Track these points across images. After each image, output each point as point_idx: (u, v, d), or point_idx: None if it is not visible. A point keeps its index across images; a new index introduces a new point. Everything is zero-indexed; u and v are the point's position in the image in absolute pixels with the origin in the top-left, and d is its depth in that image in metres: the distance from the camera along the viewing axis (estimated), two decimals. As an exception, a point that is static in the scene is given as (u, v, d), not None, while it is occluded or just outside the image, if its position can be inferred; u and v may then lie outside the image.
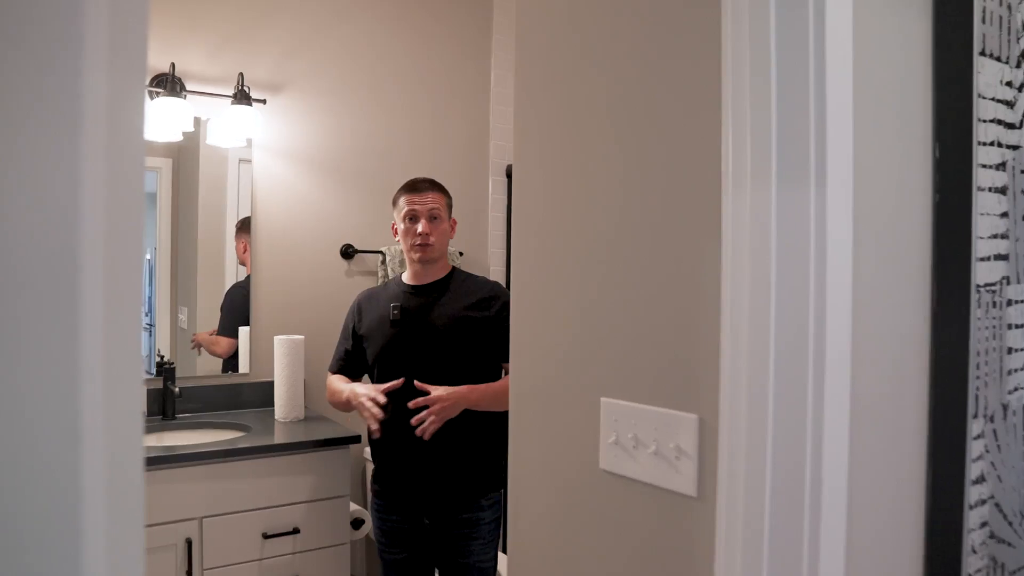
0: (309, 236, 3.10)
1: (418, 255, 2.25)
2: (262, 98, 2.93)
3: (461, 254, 3.38)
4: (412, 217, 2.26)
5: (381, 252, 3.17)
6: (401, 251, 3.21)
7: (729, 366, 0.94)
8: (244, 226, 2.97)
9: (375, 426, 2.16)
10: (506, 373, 2.19)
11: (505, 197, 3.53)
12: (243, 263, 2.98)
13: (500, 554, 2.51)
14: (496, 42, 3.54)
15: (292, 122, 3.05)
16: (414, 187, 2.29)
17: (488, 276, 3.51)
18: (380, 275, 3.16)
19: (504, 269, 3.52)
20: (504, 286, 2.36)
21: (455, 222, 2.37)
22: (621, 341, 1.16)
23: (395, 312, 2.26)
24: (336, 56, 3.14)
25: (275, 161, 3.03)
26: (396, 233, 2.34)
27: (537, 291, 1.34)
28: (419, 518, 2.28)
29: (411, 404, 2.12)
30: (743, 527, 0.91)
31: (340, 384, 2.35)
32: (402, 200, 2.29)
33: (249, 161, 2.98)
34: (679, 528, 1.08)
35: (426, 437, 2.11)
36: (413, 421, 2.13)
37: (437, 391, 2.13)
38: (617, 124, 1.18)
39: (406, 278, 2.35)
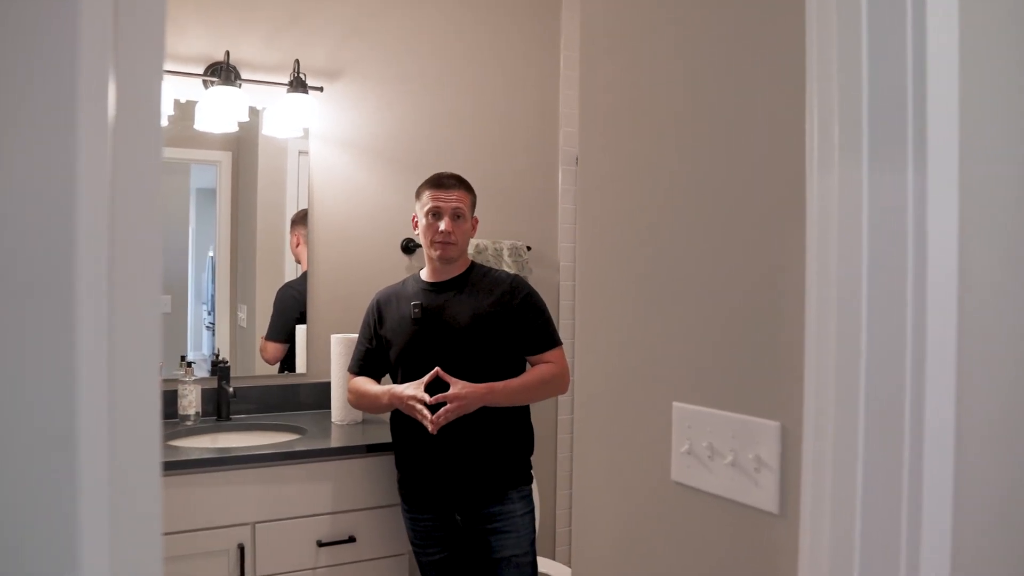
0: (368, 230, 3.12)
1: (438, 253, 2.35)
2: (319, 86, 2.97)
3: (529, 248, 3.36)
4: (435, 213, 2.34)
5: (443, 247, 3.17)
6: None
7: (814, 369, 0.89)
8: (300, 219, 3.01)
9: (433, 428, 2.23)
10: (531, 366, 2.40)
11: (576, 187, 3.50)
12: (297, 259, 3.02)
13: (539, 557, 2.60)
14: (565, 21, 3.51)
15: (350, 110, 3.08)
16: (440, 183, 2.37)
17: (559, 271, 3.48)
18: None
19: (575, 264, 3.49)
20: (522, 278, 2.48)
21: (477, 221, 2.47)
22: (695, 340, 1.13)
23: (416, 311, 2.35)
24: (394, 40, 3.16)
25: (332, 151, 3.06)
26: (416, 226, 2.43)
27: (605, 287, 1.32)
28: (450, 515, 2.37)
29: (430, 400, 2.21)
30: (831, 549, 0.86)
31: (369, 386, 2.44)
32: (426, 195, 2.37)
33: (307, 153, 3.02)
34: (759, 548, 1.04)
35: (432, 430, 2.22)
36: (432, 420, 2.22)
37: (456, 388, 2.23)
38: (691, 103, 1.14)
39: (425, 275, 2.45)
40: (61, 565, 0.40)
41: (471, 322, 2.32)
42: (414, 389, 2.27)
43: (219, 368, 2.81)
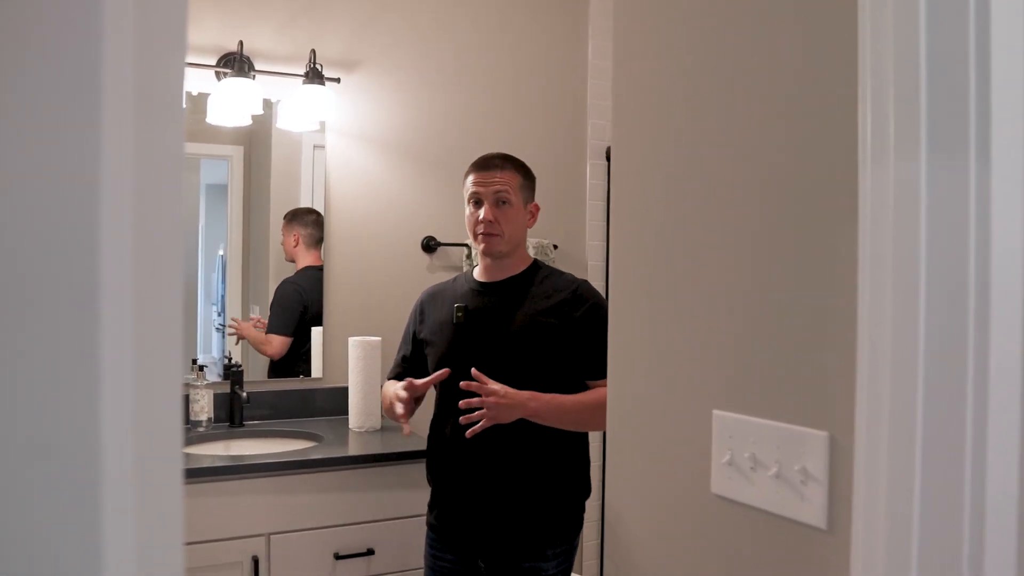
0: (387, 228, 3.13)
1: (482, 246, 2.10)
2: (336, 77, 2.98)
3: (555, 247, 3.35)
4: (477, 200, 2.10)
5: (466, 245, 3.17)
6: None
7: (867, 375, 0.88)
8: (295, 217, 3.01)
9: (407, 430, 2.10)
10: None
11: (605, 183, 3.49)
12: (292, 258, 3.02)
13: None
14: (594, 7, 3.50)
15: (368, 103, 3.09)
16: (483, 164, 2.12)
17: (587, 271, 3.47)
18: (465, 271, 3.18)
19: (604, 264, 3.48)
20: (591, 284, 2.19)
21: (537, 208, 2.19)
22: (737, 344, 1.11)
23: (459, 314, 2.12)
24: (414, 29, 3.17)
25: (350, 145, 3.07)
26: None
27: (640, 286, 1.31)
28: (473, 560, 2.11)
29: (463, 385, 1.94)
30: (885, 570, 0.85)
31: (390, 387, 2.21)
32: (468, 179, 2.13)
33: (323, 147, 3.03)
34: (806, 566, 1.02)
35: (468, 434, 1.95)
36: (463, 420, 1.97)
37: (493, 385, 1.95)
38: (733, 93, 1.13)
39: (477, 274, 2.21)
40: (86, 569, 0.41)
41: (521, 330, 2.04)
42: (404, 385, 2.06)
43: (232, 372, 2.82)
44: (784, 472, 1.05)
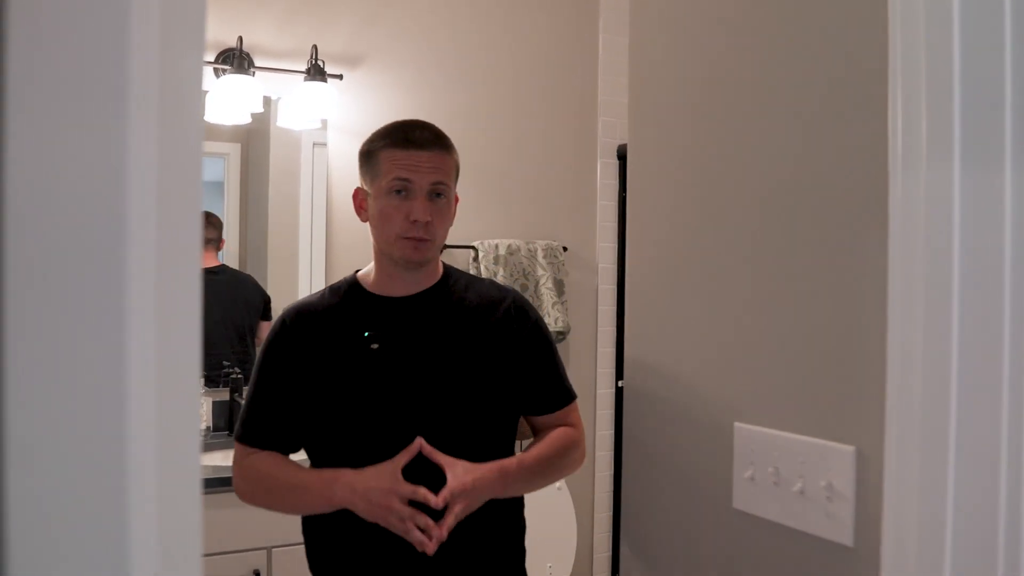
0: (391, 229, 3.13)
1: (409, 254, 1.54)
2: (338, 73, 2.98)
3: (565, 249, 3.35)
4: (402, 189, 1.53)
5: (473, 247, 3.18)
6: (497, 245, 3.20)
7: (897, 388, 0.88)
8: (210, 221, 2.94)
9: (432, 548, 1.41)
10: (538, 429, 1.67)
11: (616, 182, 3.49)
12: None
13: None
14: (605, 4, 3.51)
15: (371, 100, 3.10)
16: (408, 137, 1.56)
17: (596, 274, 3.47)
18: (472, 273, 3.17)
19: (615, 266, 3.48)
20: (521, 294, 1.73)
21: (458, 200, 1.66)
22: (761, 355, 1.12)
23: (374, 342, 1.56)
24: (419, 24, 3.17)
25: (353, 144, 3.07)
26: (363, 207, 1.65)
27: (658, 294, 1.31)
28: None
29: (436, 502, 1.40)
30: (916, 589, 0.85)
31: (286, 469, 1.57)
32: (385, 156, 1.56)
33: (324, 145, 3.04)
34: (832, 584, 1.03)
35: (429, 551, 1.41)
36: (419, 524, 1.41)
37: (456, 473, 1.45)
38: (756, 92, 1.13)
39: (376, 286, 1.64)
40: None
41: (458, 356, 1.57)
42: (394, 479, 1.43)
43: (231, 379, 2.83)
44: (809, 488, 1.05)
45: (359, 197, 1.64)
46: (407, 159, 1.54)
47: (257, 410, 1.60)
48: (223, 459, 2.67)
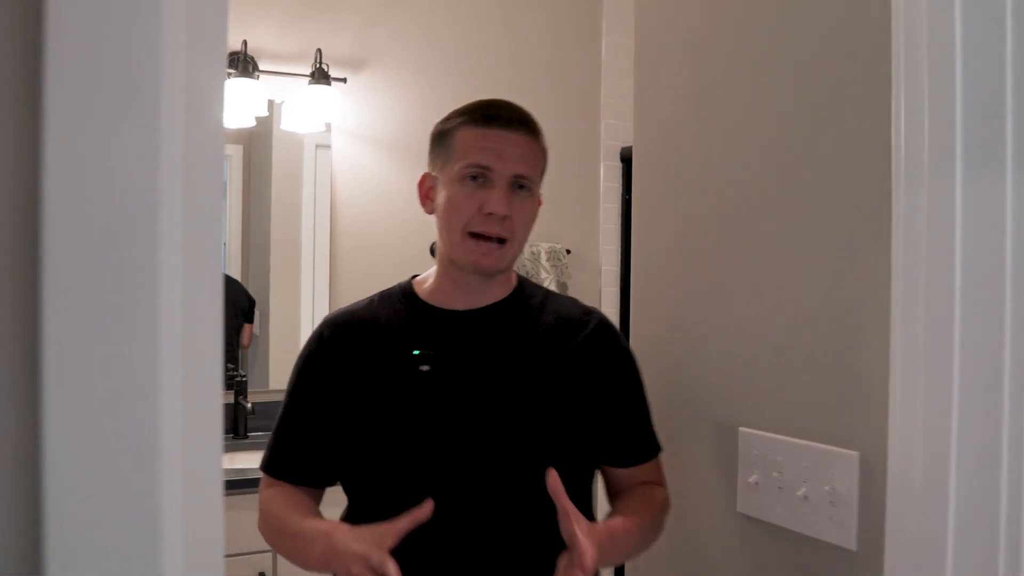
0: (395, 231, 3.15)
1: (480, 259, 1.27)
2: (342, 76, 3.00)
3: (568, 252, 3.37)
4: (478, 175, 1.26)
5: (476, 250, 3.19)
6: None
7: (900, 395, 0.90)
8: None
9: None
10: (615, 487, 1.35)
11: (620, 185, 3.50)
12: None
13: None
14: (608, 5, 3.52)
15: (375, 103, 3.11)
16: (490, 115, 1.30)
17: (600, 276, 3.48)
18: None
19: (618, 269, 3.49)
20: (602, 314, 1.39)
21: (541, 202, 1.36)
22: (766, 360, 1.13)
23: (424, 363, 1.28)
24: (423, 26, 3.19)
25: (356, 147, 3.09)
26: (429, 195, 1.37)
27: (662, 297, 1.32)
28: None
29: (587, 566, 1.07)
30: (919, 592, 0.87)
31: (291, 514, 1.28)
32: (461, 136, 1.30)
33: (327, 147, 3.05)
34: (836, 588, 1.05)
35: None
36: None
37: (580, 534, 1.08)
38: (764, 100, 1.15)
39: (434, 295, 1.36)
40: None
41: (533, 391, 1.26)
42: (372, 545, 1.09)
43: (236, 382, 2.85)
44: (813, 492, 1.07)
45: (425, 184, 1.38)
46: (487, 140, 1.27)
47: (285, 437, 1.36)
48: (228, 462, 2.69)
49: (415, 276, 1.43)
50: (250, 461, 2.68)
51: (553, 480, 1.09)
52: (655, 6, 1.35)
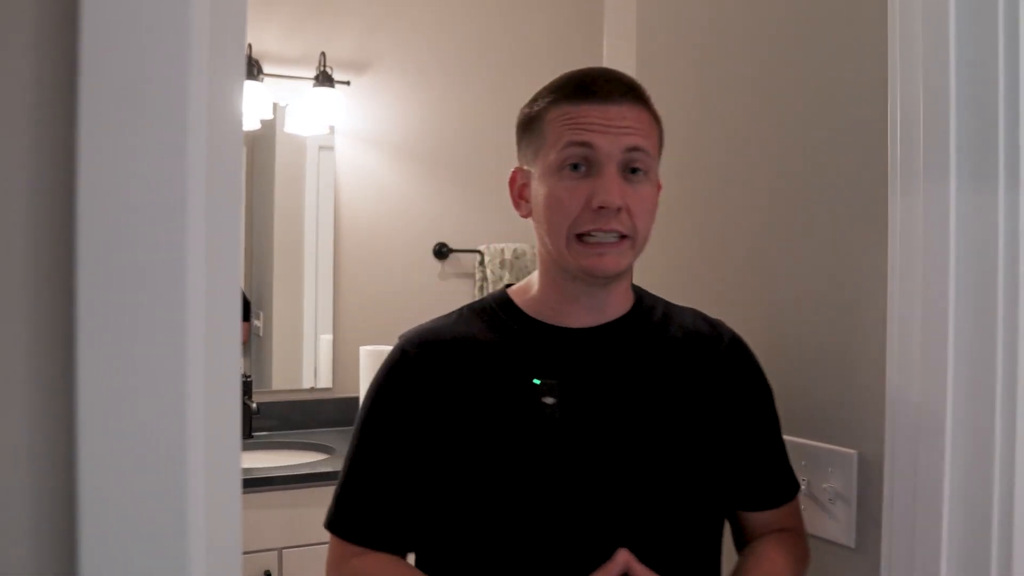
0: (398, 234, 3.16)
1: (595, 263, 1.00)
2: (346, 79, 3.02)
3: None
4: (580, 162, 1.00)
5: (479, 251, 3.20)
6: (503, 250, 3.24)
7: (896, 395, 0.92)
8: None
9: None
10: (748, 533, 1.12)
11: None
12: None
13: None
14: (609, 7, 3.54)
15: (379, 106, 3.13)
16: (586, 87, 1.04)
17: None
18: (478, 278, 3.19)
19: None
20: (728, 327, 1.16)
21: (661, 186, 1.08)
22: (766, 360, 1.15)
23: (548, 395, 1.03)
24: (428, 30, 3.21)
25: (360, 150, 3.11)
26: (523, 195, 1.11)
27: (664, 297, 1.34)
28: None
29: None
30: (914, 587, 0.89)
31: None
32: (554, 116, 1.04)
33: (330, 149, 3.07)
34: (834, 584, 1.07)
35: None
36: None
37: None
38: (764, 102, 1.17)
39: (542, 310, 1.09)
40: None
41: (677, 432, 1.05)
42: None
43: (241, 383, 2.87)
44: (812, 490, 1.09)
45: (517, 181, 1.11)
46: (587, 115, 1.01)
47: (364, 490, 1.07)
48: (233, 462, 2.71)
49: (509, 285, 1.15)
50: (256, 461, 2.71)
51: (630, 566, 0.93)
52: (657, 7, 1.36)
